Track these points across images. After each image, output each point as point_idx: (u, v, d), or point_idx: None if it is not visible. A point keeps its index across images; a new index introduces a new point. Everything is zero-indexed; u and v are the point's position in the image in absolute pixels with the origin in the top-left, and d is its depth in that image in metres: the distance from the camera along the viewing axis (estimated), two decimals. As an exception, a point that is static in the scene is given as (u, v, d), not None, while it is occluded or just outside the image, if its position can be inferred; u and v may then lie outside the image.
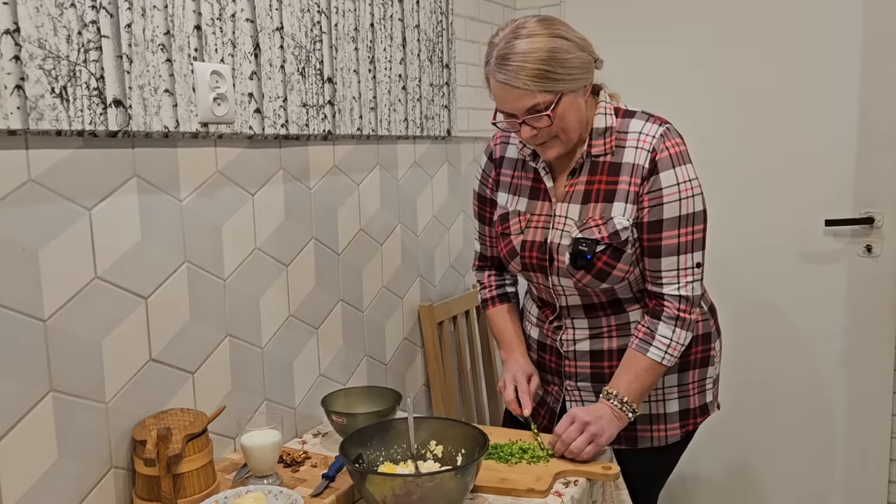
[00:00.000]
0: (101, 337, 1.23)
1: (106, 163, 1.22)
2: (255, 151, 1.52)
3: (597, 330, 1.52)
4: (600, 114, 1.44)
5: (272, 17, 1.51)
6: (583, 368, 1.54)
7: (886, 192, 2.17)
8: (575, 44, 1.34)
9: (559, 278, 1.47)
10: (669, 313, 1.41)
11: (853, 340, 2.27)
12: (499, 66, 1.32)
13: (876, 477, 2.29)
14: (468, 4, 2.29)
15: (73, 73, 1.14)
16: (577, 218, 1.43)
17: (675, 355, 1.42)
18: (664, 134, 1.39)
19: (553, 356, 1.59)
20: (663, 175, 1.38)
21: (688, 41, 2.38)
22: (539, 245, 1.48)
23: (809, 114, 2.24)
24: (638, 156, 1.40)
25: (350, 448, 1.28)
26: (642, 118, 1.43)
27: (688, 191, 1.38)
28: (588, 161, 1.44)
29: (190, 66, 1.34)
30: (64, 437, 1.18)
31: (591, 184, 1.44)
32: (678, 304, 1.41)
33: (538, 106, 1.33)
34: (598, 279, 1.43)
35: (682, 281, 1.41)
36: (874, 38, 2.13)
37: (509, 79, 1.31)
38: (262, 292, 1.56)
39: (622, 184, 1.41)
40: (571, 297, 1.50)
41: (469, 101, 2.31)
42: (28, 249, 1.12)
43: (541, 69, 1.30)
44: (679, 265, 1.40)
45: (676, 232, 1.39)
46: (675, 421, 1.54)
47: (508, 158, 1.57)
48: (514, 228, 1.52)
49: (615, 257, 1.41)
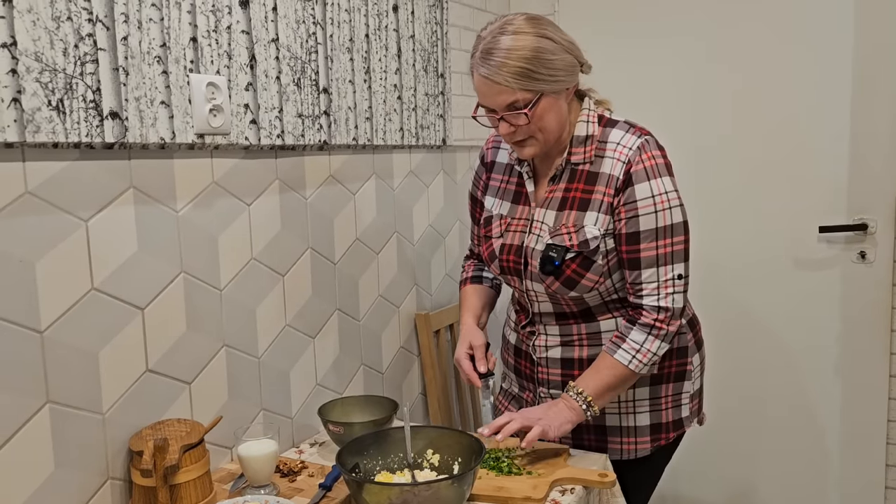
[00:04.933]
0: (98, 348, 1.23)
1: (102, 174, 1.23)
2: (251, 162, 1.53)
3: (568, 338, 1.52)
4: (582, 121, 1.43)
5: (268, 28, 1.52)
6: (554, 376, 1.55)
7: (879, 198, 2.19)
8: (561, 45, 1.34)
9: (532, 283, 1.48)
10: (645, 321, 1.40)
11: (848, 346, 2.28)
12: (482, 59, 1.33)
13: (872, 483, 2.29)
14: (463, 15, 2.30)
15: (70, 85, 1.15)
16: (552, 224, 1.44)
17: (645, 362, 1.40)
18: (641, 146, 1.38)
19: (527, 362, 1.60)
20: (638, 187, 1.37)
21: (679, 50, 2.39)
22: (516, 249, 1.49)
23: (802, 121, 2.26)
24: (613, 167, 1.40)
25: (347, 457, 1.28)
26: (623, 128, 1.42)
27: (664, 203, 1.37)
28: (568, 168, 1.45)
29: (186, 78, 1.35)
30: (61, 448, 1.18)
31: (568, 191, 1.44)
32: (656, 315, 1.40)
33: (517, 103, 1.33)
34: (566, 286, 1.43)
35: (663, 292, 1.40)
36: (866, 45, 2.15)
37: (491, 73, 1.31)
38: (259, 302, 1.56)
39: (597, 193, 1.41)
40: (544, 303, 1.51)
41: (464, 111, 2.32)
42: (25, 261, 1.12)
43: (523, 67, 1.30)
44: (659, 277, 1.39)
45: (654, 244, 1.38)
46: (646, 434, 1.53)
47: (499, 163, 1.59)
48: (495, 232, 1.53)
49: (584, 266, 1.41)
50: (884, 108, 2.14)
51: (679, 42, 2.39)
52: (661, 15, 2.41)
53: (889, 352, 2.22)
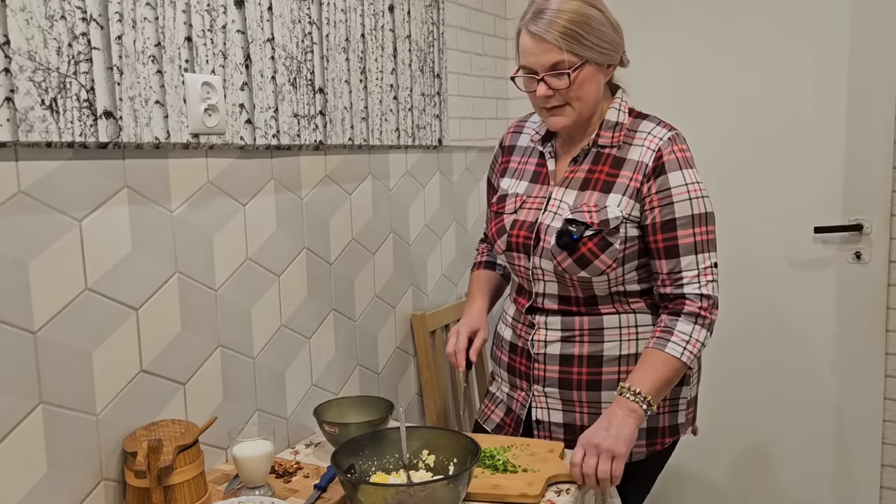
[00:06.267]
0: (92, 348, 1.23)
1: (96, 174, 1.23)
2: (247, 162, 1.53)
3: (569, 332, 1.52)
4: (614, 108, 1.48)
5: (263, 28, 1.52)
6: (551, 372, 1.54)
7: (875, 198, 2.19)
8: (609, 22, 1.40)
9: (541, 260, 1.48)
10: (690, 310, 1.40)
11: (844, 347, 2.28)
12: (533, 18, 1.37)
13: (868, 483, 2.29)
14: (459, 15, 2.30)
15: (64, 84, 1.15)
16: (572, 203, 1.46)
17: (695, 353, 1.39)
18: (672, 138, 1.44)
19: (523, 358, 1.58)
20: (671, 175, 1.41)
21: (676, 50, 2.40)
22: (528, 225, 1.50)
23: (797, 122, 2.26)
24: (643, 154, 1.44)
25: (342, 458, 1.28)
26: (654, 121, 1.48)
27: (696, 192, 1.41)
28: (593, 151, 1.48)
29: (181, 78, 1.34)
30: (54, 449, 1.18)
31: (591, 172, 1.47)
32: (700, 303, 1.40)
33: (561, 64, 1.37)
34: (578, 264, 1.43)
35: (703, 280, 1.41)
36: (862, 47, 2.15)
37: (540, 30, 1.36)
38: (254, 302, 1.56)
39: (623, 178, 1.44)
40: (549, 283, 1.51)
41: (460, 111, 2.32)
42: (18, 261, 1.12)
43: (571, 29, 1.35)
44: (699, 264, 1.41)
45: (692, 231, 1.41)
46: (642, 438, 1.52)
47: (519, 147, 1.63)
48: (508, 208, 1.55)
49: (601, 247, 1.42)
50: (879, 109, 2.15)
51: (676, 44, 2.40)
52: (659, 15, 2.41)
53: (885, 352, 2.22)
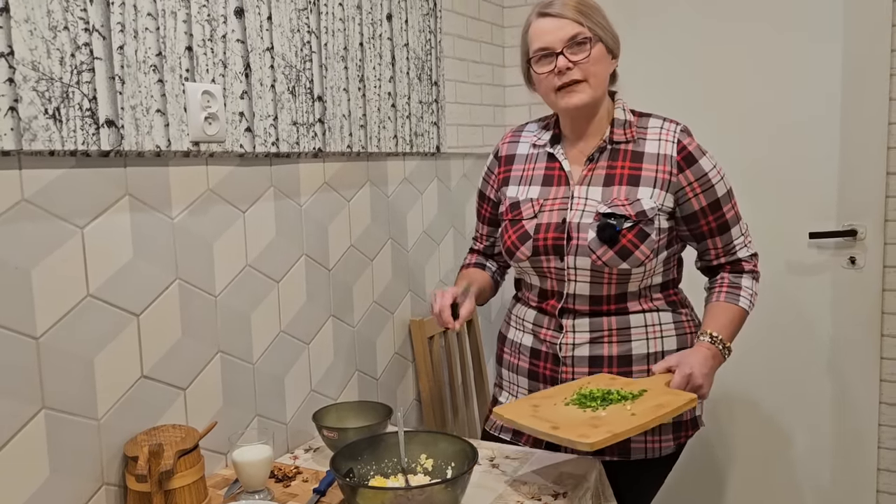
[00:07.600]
0: (94, 354, 1.24)
1: (98, 182, 1.24)
2: (246, 169, 1.54)
3: (597, 334, 1.52)
4: (619, 108, 1.55)
5: (262, 37, 1.54)
6: (580, 374, 1.53)
7: (869, 204, 2.20)
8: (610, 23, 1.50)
9: (575, 258, 1.49)
10: (749, 269, 1.58)
11: (839, 352, 2.29)
12: (544, 5, 1.47)
13: (864, 487, 2.30)
14: (457, 23, 2.32)
15: (67, 94, 1.16)
16: (601, 199, 1.49)
17: (755, 304, 1.57)
18: (685, 129, 1.53)
19: (549, 363, 1.57)
20: (702, 162, 1.50)
21: (671, 55, 2.42)
22: (556, 226, 1.51)
23: (792, 127, 2.28)
24: (663, 147, 1.50)
25: (341, 462, 1.29)
26: (659, 118, 1.56)
27: (722, 171, 1.54)
28: (609, 148, 1.53)
29: (181, 87, 1.36)
30: (56, 453, 1.19)
31: (612, 168, 1.52)
32: (753, 262, 1.59)
33: (579, 36, 1.44)
34: (619, 256, 1.46)
35: (748, 240, 1.59)
36: (855, 54, 2.17)
37: (556, 10, 1.45)
38: (254, 308, 1.57)
39: (647, 171, 1.49)
40: (581, 283, 1.51)
41: (458, 118, 2.34)
42: (21, 268, 1.13)
43: (583, 7, 1.46)
44: (742, 231, 1.58)
45: (731, 205, 1.55)
46: (670, 433, 1.54)
47: (519, 155, 1.64)
48: (527, 213, 1.55)
49: (640, 237, 1.46)
50: (874, 115, 2.17)
51: (673, 48, 2.42)
52: (656, 20, 2.43)
53: (880, 356, 2.24)
